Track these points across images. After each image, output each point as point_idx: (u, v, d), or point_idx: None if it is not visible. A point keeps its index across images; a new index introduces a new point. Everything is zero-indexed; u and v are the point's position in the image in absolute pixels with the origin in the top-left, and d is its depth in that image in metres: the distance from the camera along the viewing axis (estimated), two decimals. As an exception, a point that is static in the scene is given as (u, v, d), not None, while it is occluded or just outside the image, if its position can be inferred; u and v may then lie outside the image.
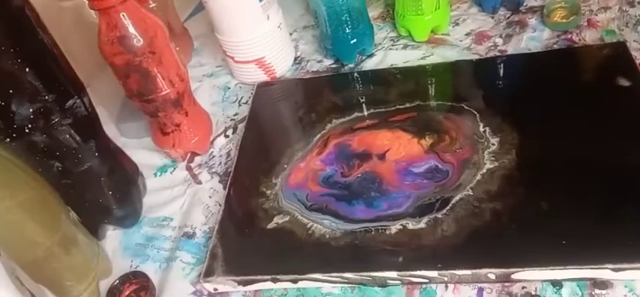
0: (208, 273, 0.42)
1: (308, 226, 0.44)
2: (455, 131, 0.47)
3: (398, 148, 0.47)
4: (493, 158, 0.44)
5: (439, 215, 0.41)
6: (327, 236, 0.42)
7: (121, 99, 0.62)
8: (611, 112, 0.45)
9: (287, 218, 0.45)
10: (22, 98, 0.39)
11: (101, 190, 0.48)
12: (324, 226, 0.43)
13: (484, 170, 0.43)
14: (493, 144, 0.45)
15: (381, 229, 0.42)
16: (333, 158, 0.49)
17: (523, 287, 0.37)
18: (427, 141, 0.47)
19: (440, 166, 0.45)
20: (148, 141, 0.59)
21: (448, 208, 0.41)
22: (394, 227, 0.41)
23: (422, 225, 0.41)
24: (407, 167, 0.45)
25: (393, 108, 0.51)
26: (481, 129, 0.47)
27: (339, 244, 0.42)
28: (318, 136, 0.52)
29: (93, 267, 0.44)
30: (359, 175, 0.46)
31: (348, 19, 0.57)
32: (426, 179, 0.44)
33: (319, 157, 0.49)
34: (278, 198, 0.47)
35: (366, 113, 0.52)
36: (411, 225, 0.41)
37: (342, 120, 0.52)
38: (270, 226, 0.44)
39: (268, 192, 0.47)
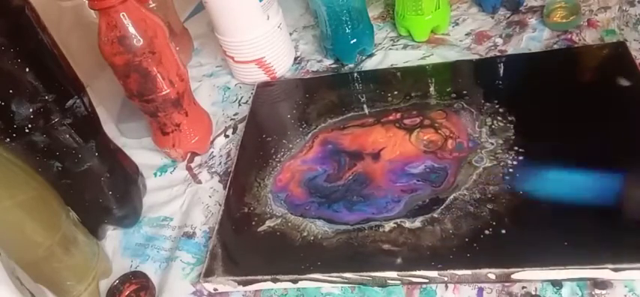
0: (208, 273, 0.42)
1: (301, 228, 0.44)
2: (453, 130, 0.47)
3: (393, 146, 0.47)
4: (492, 157, 0.44)
5: (435, 215, 0.41)
6: (320, 236, 0.42)
7: (121, 99, 0.62)
8: (611, 112, 0.45)
9: (278, 221, 0.45)
10: (22, 98, 0.39)
11: (101, 190, 0.48)
12: (317, 226, 0.43)
13: (481, 169, 0.43)
14: (491, 143, 0.45)
15: (375, 227, 0.42)
16: (320, 158, 0.49)
17: (523, 287, 0.37)
18: (424, 139, 0.47)
19: (436, 165, 0.45)
20: (148, 141, 0.59)
21: (443, 207, 0.41)
22: (388, 225, 0.41)
23: (417, 224, 0.41)
24: (403, 167, 0.45)
25: (393, 108, 0.51)
26: (480, 128, 0.47)
27: (336, 244, 0.42)
28: (309, 135, 0.52)
29: (93, 267, 0.44)
30: (350, 177, 0.46)
31: (348, 19, 0.57)
32: (421, 181, 0.44)
33: (306, 157, 0.50)
34: (268, 200, 0.47)
35: (366, 113, 0.52)
36: (407, 224, 0.41)
37: (338, 119, 0.52)
38: (262, 228, 0.44)
39: (262, 193, 0.48)
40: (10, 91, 0.39)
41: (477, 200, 0.41)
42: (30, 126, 0.40)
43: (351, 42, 0.59)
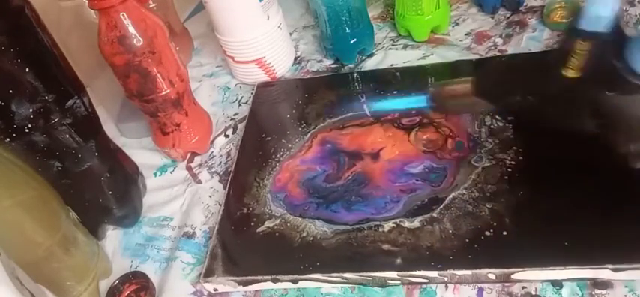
0: (208, 273, 0.42)
1: (300, 228, 0.44)
2: (453, 130, 0.47)
3: (392, 146, 0.48)
4: (490, 157, 0.44)
5: (434, 214, 0.41)
6: (320, 237, 0.42)
7: (121, 99, 0.62)
8: (611, 112, 0.45)
9: (277, 221, 0.45)
10: (22, 98, 0.39)
11: (101, 190, 0.48)
12: (316, 227, 0.43)
13: (480, 169, 0.43)
14: (490, 143, 0.45)
15: (374, 228, 0.42)
16: (320, 158, 0.49)
17: (523, 287, 0.37)
18: (423, 139, 0.47)
19: (435, 165, 0.45)
20: (148, 141, 0.59)
21: (442, 207, 0.41)
22: (387, 225, 0.41)
23: (416, 224, 0.41)
24: (402, 167, 0.45)
25: (392, 108, 0.51)
26: (479, 128, 0.47)
27: (335, 244, 0.42)
28: (308, 135, 0.52)
29: (93, 267, 0.44)
30: (349, 177, 0.46)
31: (348, 19, 0.57)
32: (420, 180, 0.44)
33: (305, 156, 0.50)
34: (267, 200, 0.47)
35: (365, 113, 0.52)
36: (406, 224, 0.41)
37: (338, 119, 0.52)
38: (261, 229, 0.44)
39: (261, 193, 0.48)
40: (10, 91, 0.39)
41: (475, 199, 0.41)
42: (30, 126, 0.40)
43: (351, 42, 0.59)
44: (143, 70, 0.47)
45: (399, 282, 0.40)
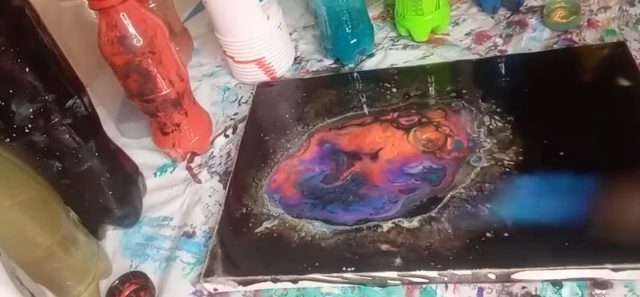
0: (208, 273, 0.42)
1: (298, 228, 0.44)
2: (453, 129, 0.47)
3: (391, 146, 0.48)
4: (489, 157, 0.44)
5: (433, 214, 0.41)
6: (318, 237, 0.42)
7: (121, 99, 0.62)
8: (611, 112, 0.45)
9: (276, 222, 0.45)
10: (22, 98, 0.39)
11: (101, 190, 0.48)
12: (314, 227, 0.43)
13: (479, 169, 0.43)
14: (489, 142, 0.45)
15: (373, 228, 0.42)
16: (318, 158, 0.49)
17: (523, 287, 0.37)
18: (422, 139, 0.47)
19: (435, 165, 0.45)
20: (148, 141, 0.59)
21: (441, 206, 0.41)
22: (386, 226, 0.41)
23: (415, 223, 0.41)
24: (401, 167, 0.45)
25: (391, 107, 0.51)
26: (478, 128, 0.47)
27: (334, 244, 0.42)
28: (306, 135, 0.52)
29: (93, 267, 0.44)
30: (348, 177, 0.46)
31: (348, 19, 0.57)
32: (419, 180, 0.44)
33: (304, 156, 0.50)
34: (265, 201, 0.47)
35: (365, 112, 0.52)
36: (405, 223, 0.41)
37: (337, 119, 0.52)
38: (259, 229, 0.44)
39: (259, 194, 0.48)
40: (10, 91, 0.39)
41: (474, 199, 0.41)
42: (30, 126, 0.40)
43: (351, 42, 0.59)
44: (143, 70, 0.47)
45: (399, 282, 0.40)
